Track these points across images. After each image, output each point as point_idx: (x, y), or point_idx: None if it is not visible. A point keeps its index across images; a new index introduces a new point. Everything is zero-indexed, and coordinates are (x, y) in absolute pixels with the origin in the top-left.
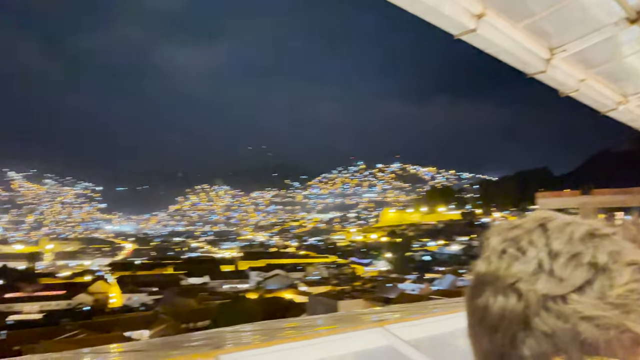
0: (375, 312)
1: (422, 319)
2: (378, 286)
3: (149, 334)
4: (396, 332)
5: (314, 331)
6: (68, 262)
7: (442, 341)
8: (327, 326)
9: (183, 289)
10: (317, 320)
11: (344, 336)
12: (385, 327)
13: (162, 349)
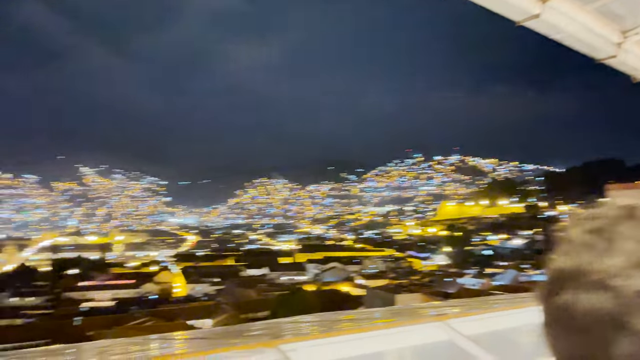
0: (434, 306)
1: (484, 314)
2: (436, 280)
3: (211, 323)
4: (457, 326)
5: (372, 324)
6: (136, 252)
7: (505, 337)
8: (385, 319)
9: (243, 280)
10: (375, 313)
11: (403, 330)
12: (445, 321)
13: (224, 337)
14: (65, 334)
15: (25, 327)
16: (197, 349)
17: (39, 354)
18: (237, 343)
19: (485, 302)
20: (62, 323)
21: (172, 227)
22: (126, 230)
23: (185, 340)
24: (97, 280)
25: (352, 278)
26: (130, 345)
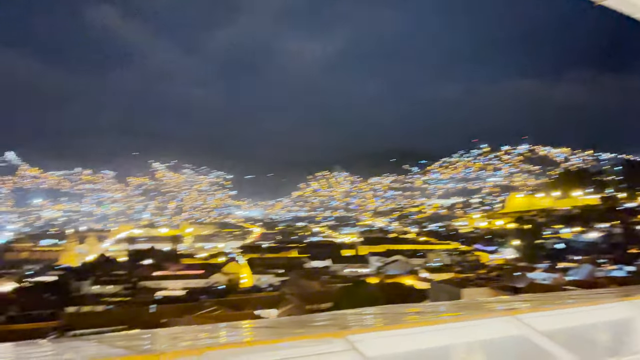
0: (502, 300)
1: (558, 309)
2: (505, 275)
3: (276, 313)
4: (529, 322)
5: (438, 317)
6: (204, 244)
7: (581, 334)
8: (451, 313)
9: (307, 272)
10: (440, 307)
11: (471, 324)
12: (516, 316)
13: (291, 327)
14: (142, 320)
15: (106, 313)
16: (265, 338)
17: (118, 338)
18: (304, 333)
19: (558, 297)
20: (138, 310)
21: (238, 219)
22: (195, 222)
23: (252, 329)
24: (170, 270)
25: (416, 271)
26: (200, 332)
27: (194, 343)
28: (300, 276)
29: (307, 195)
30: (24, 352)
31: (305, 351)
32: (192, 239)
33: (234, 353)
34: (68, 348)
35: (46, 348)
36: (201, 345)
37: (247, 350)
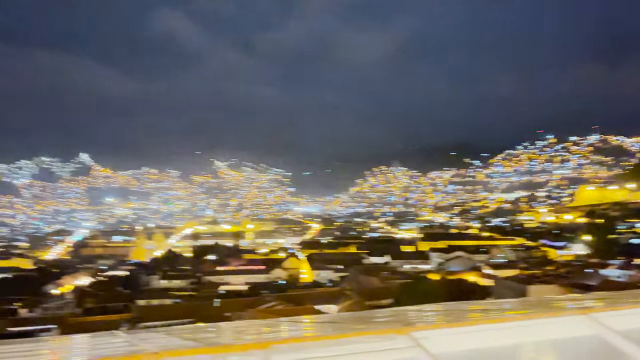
0: (573, 298)
1: (635, 308)
2: (575, 272)
3: (337, 308)
4: (604, 321)
5: (503, 315)
6: (265, 240)
7: None
8: (517, 311)
9: (366, 268)
10: (505, 304)
11: (540, 322)
12: (590, 314)
13: (352, 323)
14: (207, 314)
15: (173, 307)
16: (327, 333)
17: (186, 331)
18: (365, 328)
19: (634, 295)
20: (203, 304)
21: (297, 215)
22: (256, 219)
23: (314, 324)
24: (232, 266)
25: (478, 267)
26: (263, 326)
27: (258, 337)
28: (360, 272)
29: (365, 191)
30: (101, 342)
31: (369, 347)
32: (253, 235)
33: (298, 347)
34: (140, 339)
35: (121, 339)
36: (266, 340)
37: (311, 344)
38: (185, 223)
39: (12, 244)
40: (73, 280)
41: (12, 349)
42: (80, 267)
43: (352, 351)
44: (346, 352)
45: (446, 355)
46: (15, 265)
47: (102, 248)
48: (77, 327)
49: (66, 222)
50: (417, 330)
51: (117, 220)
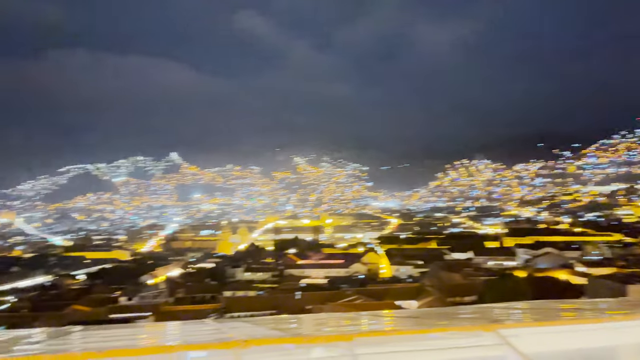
0: None
1: None
2: None
3: (416, 304)
4: None
5: (599, 315)
6: (344, 234)
7: None
8: (614, 311)
9: (447, 264)
10: (601, 304)
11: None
12: None
13: (434, 318)
14: (288, 306)
15: (257, 298)
16: (410, 328)
17: (269, 321)
18: (449, 325)
19: None
20: (285, 296)
21: (375, 210)
22: (334, 213)
23: (396, 319)
24: (312, 259)
25: (570, 265)
26: (343, 319)
27: (341, 329)
28: (441, 268)
29: (446, 185)
30: (192, 329)
31: (454, 343)
32: (331, 229)
33: (382, 341)
34: (228, 327)
35: (210, 326)
36: (349, 332)
37: (395, 339)
38: (267, 218)
39: (112, 237)
40: (165, 271)
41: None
42: (172, 259)
43: (437, 347)
44: (430, 347)
45: (537, 355)
46: (115, 256)
47: (190, 241)
48: (169, 315)
49: (158, 216)
50: (505, 328)
51: (204, 215)
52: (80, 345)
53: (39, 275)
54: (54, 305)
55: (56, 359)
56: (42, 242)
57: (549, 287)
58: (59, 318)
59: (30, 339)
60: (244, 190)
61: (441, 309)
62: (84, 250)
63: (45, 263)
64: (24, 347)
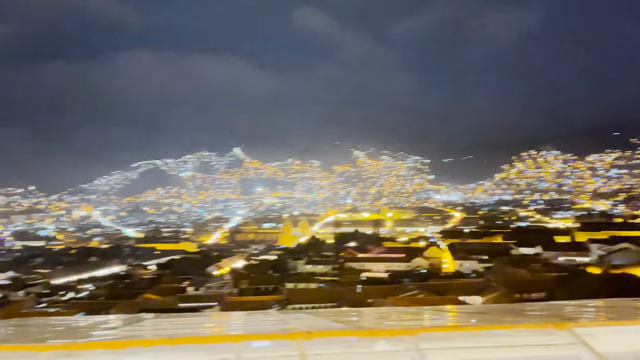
0: None
1: None
2: None
3: (481, 300)
4: None
5: None
6: (405, 228)
7: None
8: None
9: (513, 259)
10: None
11: None
12: None
13: (501, 315)
14: (349, 299)
15: (318, 290)
16: (476, 324)
17: (331, 314)
18: (517, 322)
19: None
20: (346, 290)
21: (437, 203)
22: (395, 207)
23: (461, 314)
24: (372, 253)
25: None
26: (406, 313)
27: (404, 323)
28: (507, 263)
29: (512, 177)
30: (256, 319)
31: (524, 340)
32: (392, 223)
33: (447, 336)
34: (292, 318)
35: (274, 317)
36: (414, 326)
37: (461, 334)
38: (327, 211)
39: (180, 230)
40: (230, 262)
41: (183, 322)
42: (236, 251)
43: (506, 344)
44: (499, 344)
45: (614, 355)
46: (182, 248)
47: (253, 234)
48: (234, 305)
49: (223, 210)
50: (579, 327)
51: (266, 209)
52: (152, 332)
53: (114, 265)
54: (128, 293)
55: (131, 344)
56: (117, 233)
57: (625, 285)
58: (132, 306)
59: (107, 324)
60: (304, 183)
61: (508, 305)
62: (154, 242)
63: (119, 253)
64: (102, 333)
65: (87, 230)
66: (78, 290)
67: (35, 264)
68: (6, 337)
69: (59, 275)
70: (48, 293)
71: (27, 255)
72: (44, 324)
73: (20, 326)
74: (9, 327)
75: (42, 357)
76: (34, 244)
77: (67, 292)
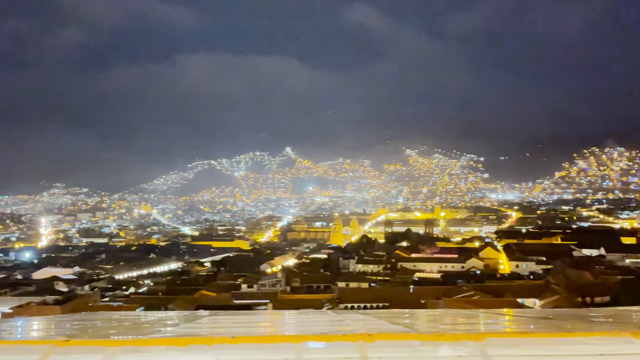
0: None
1: None
2: None
3: (539, 303)
4: None
5: None
6: (459, 228)
7: None
8: None
9: (574, 261)
10: None
11: None
12: None
13: (569, 320)
14: (402, 299)
15: (370, 290)
16: (544, 330)
17: (388, 315)
18: (589, 328)
19: None
20: (398, 289)
21: (492, 203)
22: (448, 206)
23: (525, 318)
24: (425, 253)
25: None
26: (464, 317)
27: (467, 327)
28: (568, 265)
29: (573, 176)
30: (313, 319)
31: (599, 349)
32: (445, 222)
33: (516, 343)
34: (349, 319)
35: (330, 317)
36: (479, 331)
37: (530, 341)
38: (378, 210)
39: (234, 228)
40: (282, 260)
41: (240, 320)
42: (288, 249)
43: (580, 352)
44: (572, 352)
45: None
46: (237, 245)
47: (305, 232)
48: (286, 303)
49: (275, 209)
50: None
51: (317, 207)
52: (211, 329)
53: (172, 262)
54: (185, 289)
55: (193, 341)
56: (174, 231)
57: None
58: (189, 301)
59: (168, 321)
60: (355, 182)
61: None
62: (210, 240)
63: (177, 250)
64: (164, 329)
65: (147, 228)
66: (138, 285)
67: (99, 259)
68: (74, 332)
69: (121, 270)
70: (111, 288)
71: (92, 252)
72: (108, 318)
73: (86, 320)
74: (74, 321)
75: (109, 352)
76: (98, 240)
77: (128, 287)
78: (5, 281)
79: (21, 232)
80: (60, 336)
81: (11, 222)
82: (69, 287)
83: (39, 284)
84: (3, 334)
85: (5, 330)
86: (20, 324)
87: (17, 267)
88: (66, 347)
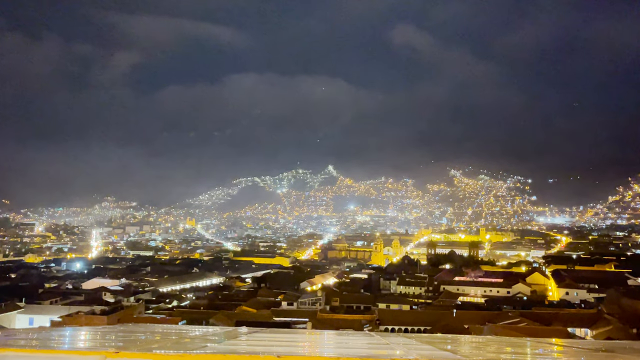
0: None
1: None
2: None
3: (591, 333)
4: None
5: None
6: (504, 252)
7: None
8: None
9: (629, 289)
10: None
11: None
12: None
13: (632, 354)
14: (444, 323)
15: (411, 312)
16: None
17: (433, 339)
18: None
19: None
20: (440, 313)
21: (540, 226)
22: (494, 229)
23: (582, 351)
24: (469, 276)
25: None
26: (505, 345)
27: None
28: (622, 294)
29: (628, 200)
30: (356, 340)
31: None
32: (490, 245)
33: None
34: (395, 344)
35: (375, 340)
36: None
37: None
38: (421, 231)
39: (276, 244)
40: (322, 279)
41: (281, 338)
42: (328, 267)
43: None
44: None
45: None
46: (278, 262)
47: (345, 251)
48: (326, 322)
49: (316, 226)
50: None
51: (358, 226)
52: (252, 346)
53: (214, 276)
54: (226, 304)
55: (238, 359)
56: (217, 246)
57: None
58: (229, 317)
59: (210, 336)
60: (397, 202)
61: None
62: (251, 256)
63: (219, 265)
64: (209, 345)
65: (191, 242)
66: (181, 298)
67: (145, 272)
68: (122, 344)
69: (165, 283)
70: (155, 300)
71: (138, 264)
72: (152, 331)
73: (132, 332)
74: (119, 332)
75: None
76: (145, 253)
77: (171, 300)
78: (56, 290)
79: (73, 243)
80: (112, 347)
81: (64, 233)
82: (116, 298)
83: (88, 294)
84: (54, 344)
85: (56, 339)
86: (71, 333)
87: (68, 276)
88: (117, 359)
